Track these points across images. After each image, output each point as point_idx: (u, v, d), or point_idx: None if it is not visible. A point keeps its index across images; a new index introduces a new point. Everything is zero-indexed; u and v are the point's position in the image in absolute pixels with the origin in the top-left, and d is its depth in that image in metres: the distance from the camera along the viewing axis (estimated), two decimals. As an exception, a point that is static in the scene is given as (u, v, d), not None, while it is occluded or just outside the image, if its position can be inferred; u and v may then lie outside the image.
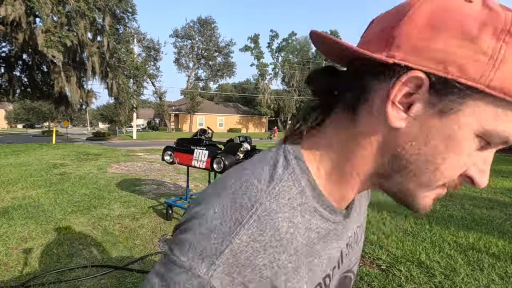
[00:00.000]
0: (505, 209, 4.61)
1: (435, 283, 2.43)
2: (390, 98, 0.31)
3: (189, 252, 0.32)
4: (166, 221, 3.75)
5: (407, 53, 0.30)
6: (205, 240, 0.32)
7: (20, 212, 3.84)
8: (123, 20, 15.41)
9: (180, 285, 0.30)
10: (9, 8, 10.03)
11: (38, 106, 39.48)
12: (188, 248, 0.32)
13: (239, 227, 0.33)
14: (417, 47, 0.30)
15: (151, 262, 2.69)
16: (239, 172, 0.38)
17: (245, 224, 0.33)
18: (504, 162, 10.93)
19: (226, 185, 0.36)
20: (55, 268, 2.50)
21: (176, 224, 0.39)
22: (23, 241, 3.01)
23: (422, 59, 0.30)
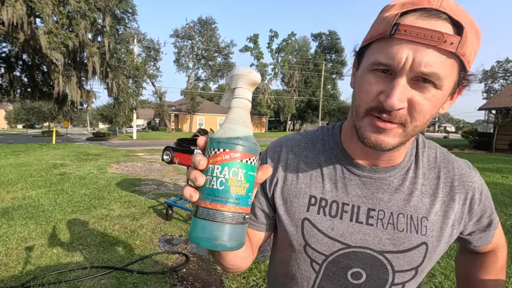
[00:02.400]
0: (505, 209, 4.61)
1: (435, 283, 2.43)
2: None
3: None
4: (166, 221, 3.75)
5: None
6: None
7: (20, 212, 3.84)
8: (123, 21, 15.40)
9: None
10: (10, 9, 10.02)
11: (38, 106, 39.43)
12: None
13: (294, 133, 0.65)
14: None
15: (151, 262, 2.69)
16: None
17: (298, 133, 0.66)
18: (504, 162, 10.92)
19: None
20: (55, 268, 2.50)
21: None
22: (23, 241, 3.01)
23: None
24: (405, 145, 0.50)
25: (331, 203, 0.55)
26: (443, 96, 0.44)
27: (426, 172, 0.55)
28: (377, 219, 0.53)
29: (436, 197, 0.54)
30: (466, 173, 0.56)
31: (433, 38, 0.39)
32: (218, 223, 0.37)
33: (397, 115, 0.44)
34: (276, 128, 46.98)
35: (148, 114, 51.52)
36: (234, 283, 2.42)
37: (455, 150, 16.27)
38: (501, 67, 54.71)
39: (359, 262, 0.54)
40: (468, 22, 0.41)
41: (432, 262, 0.55)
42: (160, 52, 33.24)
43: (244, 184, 0.38)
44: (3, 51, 13.67)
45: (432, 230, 0.53)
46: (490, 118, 18.14)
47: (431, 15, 0.40)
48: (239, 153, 0.38)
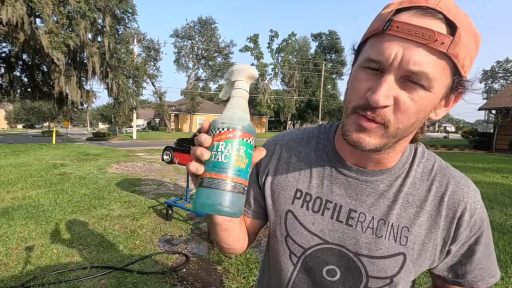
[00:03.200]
0: (505, 209, 4.61)
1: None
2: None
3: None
4: (166, 221, 3.75)
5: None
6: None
7: (20, 212, 3.84)
8: (123, 21, 15.40)
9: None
10: (10, 8, 10.02)
11: (38, 106, 39.43)
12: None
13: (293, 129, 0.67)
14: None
15: (151, 262, 2.69)
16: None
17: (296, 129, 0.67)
18: (504, 162, 10.92)
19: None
20: (55, 268, 2.50)
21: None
22: (23, 241, 3.01)
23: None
24: (394, 149, 0.50)
25: (315, 198, 0.56)
26: (433, 99, 0.43)
27: (417, 183, 0.53)
28: (357, 221, 0.53)
29: (422, 209, 0.51)
30: (460, 191, 0.52)
31: (424, 36, 0.39)
32: (222, 190, 0.41)
33: (380, 114, 0.43)
34: (276, 128, 46.98)
35: (148, 114, 51.53)
36: (234, 283, 2.42)
37: (455, 150, 16.27)
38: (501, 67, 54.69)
39: (335, 260, 0.55)
40: (465, 24, 0.40)
41: (411, 276, 0.53)
42: (160, 52, 33.28)
43: (244, 159, 0.43)
44: (3, 51, 13.69)
45: (414, 242, 0.51)
46: (490, 118, 18.13)
47: (426, 14, 0.40)
48: (241, 132, 0.43)
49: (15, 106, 45.92)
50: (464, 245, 0.52)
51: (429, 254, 0.52)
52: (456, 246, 0.52)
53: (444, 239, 0.51)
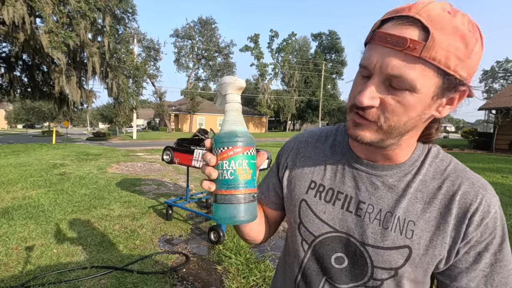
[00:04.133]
0: (505, 209, 4.61)
1: (435, 283, 2.42)
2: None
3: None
4: (166, 221, 3.75)
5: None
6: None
7: (20, 212, 3.84)
8: (123, 21, 15.40)
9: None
10: (10, 8, 10.02)
11: (38, 106, 39.43)
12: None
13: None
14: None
15: (151, 262, 2.69)
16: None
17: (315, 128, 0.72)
18: (504, 162, 10.92)
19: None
20: (55, 268, 2.50)
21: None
22: (23, 241, 3.01)
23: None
24: (399, 145, 0.53)
25: (328, 189, 0.61)
26: (421, 99, 0.46)
27: (428, 180, 0.54)
28: (366, 212, 0.56)
29: (430, 205, 0.53)
30: (473, 191, 0.52)
31: (398, 43, 0.43)
32: (234, 204, 0.47)
33: (370, 113, 0.48)
34: (276, 128, 46.98)
35: (148, 114, 51.53)
36: (234, 283, 2.42)
37: (455, 150, 16.27)
38: (501, 67, 54.66)
39: (343, 248, 0.58)
40: (447, 27, 0.42)
41: (419, 273, 0.53)
42: (160, 52, 33.26)
43: (249, 171, 0.47)
44: (3, 51, 13.68)
45: (420, 237, 0.52)
46: (490, 118, 18.12)
47: (405, 22, 0.44)
48: (240, 148, 0.47)
49: (15, 106, 45.91)
50: (472, 250, 0.51)
51: (437, 251, 0.51)
52: (464, 248, 0.51)
53: (454, 238, 0.51)
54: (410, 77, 0.43)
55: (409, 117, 0.47)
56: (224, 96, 0.50)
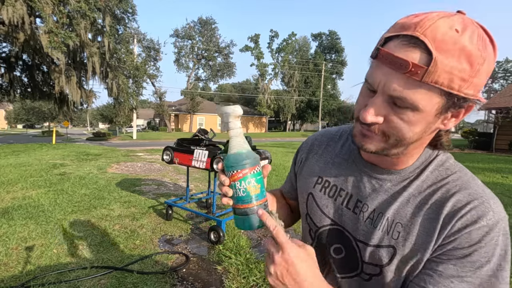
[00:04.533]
0: (505, 209, 4.59)
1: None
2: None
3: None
4: (166, 221, 3.75)
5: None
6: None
7: (20, 212, 3.84)
8: (123, 21, 15.40)
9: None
10: (10, 8, 10.02)
11: (38, 106, 39.43)
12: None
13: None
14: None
15: (151, 262, 2.69)
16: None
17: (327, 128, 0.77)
18: (504, 162, 10.92)
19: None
20: (55, 268, 2.50)
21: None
22: (23, 241, 3.01)
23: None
24: (405, 154, 0.53)
25: (332, 186, 0.66)
26: (424, 117, 0.46)
27: (424, 187, 0.54)
28: (361, 210, 0.60)
29: (421, 210, 0.52)
30: (466, 201, 0.50)
31: (401, 66, 0.43)
32: (250, 215, 0.56)
33: (374, 128, 0.49)
34: (276, 128, 46.97)
35: (148, 114, 51.52)
36: (234, 283, 2.42)
37: (455, 150, 16.27)
38: (501, 67, 54.66)
39: (340, 240, 0.63)
40: (452, 49, 0.41)
41: (402, 271, 0.54)
42: (160, 52, 33.25)
43: (257, 186, 0.55)
44: (3, 51, 13.68)
45: (405, 239, 0.52)
46: (490, 118, 18.12)
47: (409, 43, 0.43)
48: (247, 169, 0.55)
49: (15, 106, 45.90)
50: (443, 255, 0.49)
51: (420, 255, 0.51)
52: (437, 249, 0.50)
53: (437, 243, 0.50)
54: (413, 99, 0.44)
55: (413, 132, 0.48)
56: (226, 124, 0.58)
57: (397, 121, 0.47)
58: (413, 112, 0.45)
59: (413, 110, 0.45)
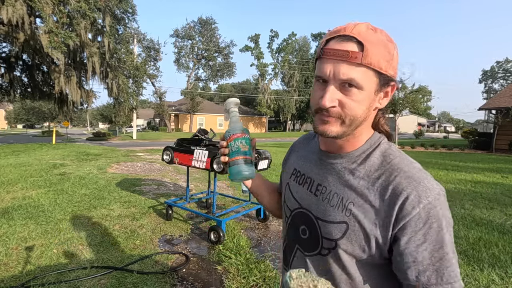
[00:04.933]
0: (505, 209, 4.61)
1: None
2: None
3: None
4: (166, 221, 3.75)
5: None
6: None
7: (20, 212, 3.84)
8: (123, 21, 15.40)
9: None
10: (10, 8, 10.02)
11: (38, 106, 39.40)
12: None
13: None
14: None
15: (151, 262, 2.69)
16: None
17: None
18: (504, 162, 10.91)
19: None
20: (55, 268, 2.50)
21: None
22: (23, 241, 3.01)
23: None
24: (353, 135, 0.64)
25: (302, 175, 0.77)
26: (367, 95, 0.59)
27: (371, 171, 0.63)
28: (321, 192, 0.69)
29: (369, 191, 0.61)
30: (405, 182, 0.58)
31: (343, 55, 0.56)
32: (240, 165, 0.74)
33: (332, 112, 0.59)
34: (276, 128, 46.95)
35: (148, 114, 51.50)
36: (234, 283, 2.42)
37: (455, 150, 16.27)
38: (501, 67, 54.62)
39: (305, 221, 0.72)
40: (374, 40, 0.56)
41: (354, 244, 0.61)
42: (160, 52, 33.25)
43: (246, 145, 0.76)
44: (3, 51, 13.68)
45: (356, 216, 0.61)
46: (490, 118, 18.10)
47: (344, 39, 0.57)
48: (239, 133, 0.76)
49: (15, 106, 45.89)
50: (410, 239, 0.56)
51: (369, 230, 0.59)
52: (402, 236, 0.56)
53: (386, 221, 0.58)
54: (357, 79, 0.57)
55: (362, 110, 0.60)
56: (228, 110, 0.81)
57: (349, 102, 0.58)
58: (359, 91, 0.58)
59: (359, 89, 0.58)
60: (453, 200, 5.11)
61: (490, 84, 55.83)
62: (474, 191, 5.83)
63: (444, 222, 0.56)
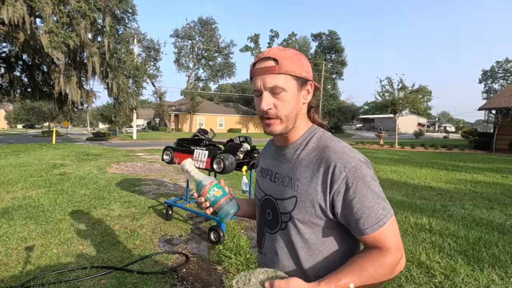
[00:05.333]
0: (505, 209, 4.61)
1: (435, 283, 2.43)
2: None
3: None
4: (166, 221, 3.75)
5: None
6: None
7: (20, 212, 3.84)
8: (123, 21, 15.40)
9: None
10: (10, 8, 10.02)
11: (38, 106, 39.38)
12: None
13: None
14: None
15: (151, 262, 2.69)
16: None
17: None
18: (504, 162, 10.91)
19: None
20: (55, 268, 2.50)
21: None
22: (23, 241, 3.01)
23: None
24: (294, 129, 0.82)
25: (265, 170, 0.94)
26: (291, 94, 0.77)
27: (310, 153, 0.80)
28: (277, 178, 0.86)
29: (309, 168, 0.78)
30: (333, 156, 0.75)
31: (266, 70, 0.76)
32: (224, 207, 0.86)
33: (271, 114, 0.78)
34: (276, 128, 46.88)
35: (148, 114, 51.48)
36: (234, 283, 2.42)
37: (455, 150, 16.26)
38: (501, 67, 54.60)
39: (269, 205, 0.87)
40: (284, 55, 0.76)
41: (303, 212, 0.76)
42: (160, 52, 33.24)
43: (219, 189, 0.87)
44: (3, 51, 13.67)
45: (301, 189, 0.77)
46: (490, 118, 18.10)
47: (264, 60, 0.77)
48: (208, 184, 0.86)
49: (15, 106, 45.87)
50: (344, 197, 0.72)
51: (312, 197, 0.75)
52: (337, 197, 0.72)
53: (323, 189, 0.74)
54: (280, 84, 0.75)
55: (291, 106, 0.78)
56: (186, 171, 0.90)
57: (280, 103, 0.77)
58: (285, 93, 0.76)
59: (284, 92, 0.76)
60: (453, 200, 5.11)
61: (490, 84, 55.81)
62: (474, 191, 5.83)
63: (368, 179, 0.72)
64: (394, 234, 0.72)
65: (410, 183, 6.55)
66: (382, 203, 0.71)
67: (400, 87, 17.98)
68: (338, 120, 44.02)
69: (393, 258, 0.70)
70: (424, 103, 19.59)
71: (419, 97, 18.15)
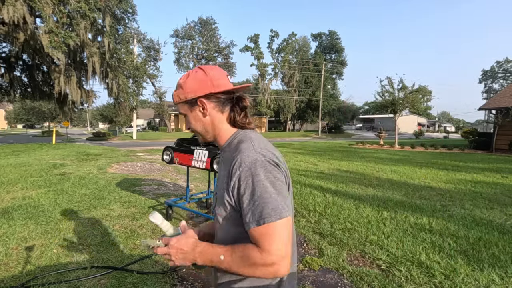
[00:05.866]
0: (505, 209, 4.61)
1: (435, 283, 2.43)
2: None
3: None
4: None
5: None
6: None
7: (20, 212, 3.84)
8: (123, 21, 15.40)
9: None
10: (11, 8, 10.02)
11: (38, 106, 39.38)
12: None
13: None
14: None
15: (151, 262, 2.69)
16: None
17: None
18: (504, 162, 10.91)
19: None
20: (55, 268, 2.50)
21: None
22: (23, 241, 3.01)
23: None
24: (219, 136, 0.93)
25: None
26: (191, 115, 0.92)
27: (229, 154, 0.87)
28: (219, 178, 0.94)
29: (226, 168, 0.84)
30: (237, 156, 0.80)
31: (175, 102, 0.94)
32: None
33: (195, 132, 0.94)
34: (276, 128, 46.94)
35: (148, 114, 51.48)
36: (234, 283, 2.42)
37: (455, 150, 16.26)
38: (501, 67, 54.60)
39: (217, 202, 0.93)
40: (176, 89, 0.92)
41: (221, 208, 0.84)
42: (160, 52, 33.24)
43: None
44: (3, 51, 13.67)
45: (219, 187, 0.87)
46: (490, 118, 18.09)
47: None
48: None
49: (15, 106, 45.85)
50: (238, 193, 0.77)
51: (224, 195, 0.81)
52: (233, 193, 0.79)
53: (226, 183, 0.81)
54: (181, 110, 0.93)
55: (197, 124, 0.92)
56: (158, 225, 0.94)
57: (190, 123, 0.93)
58: (187, 116, 0.93)
59: (187, 115, 0.93)
60: (453, 200, 5.11)
61: (490, 84, 55.81)
62: (474, 191, 5.83)
63: (260, 177, 0.75)
64: (277, 237, 0.71)
65: (410, 183, 6.55)
66: (273, 203, 0.73)
67: (400, 87, 17.96)
68: (338, 120, 43.99)
69: (265, 259, 0.70)
70: (424, 103, 19.57)
71: (419, 97, 18.14)
